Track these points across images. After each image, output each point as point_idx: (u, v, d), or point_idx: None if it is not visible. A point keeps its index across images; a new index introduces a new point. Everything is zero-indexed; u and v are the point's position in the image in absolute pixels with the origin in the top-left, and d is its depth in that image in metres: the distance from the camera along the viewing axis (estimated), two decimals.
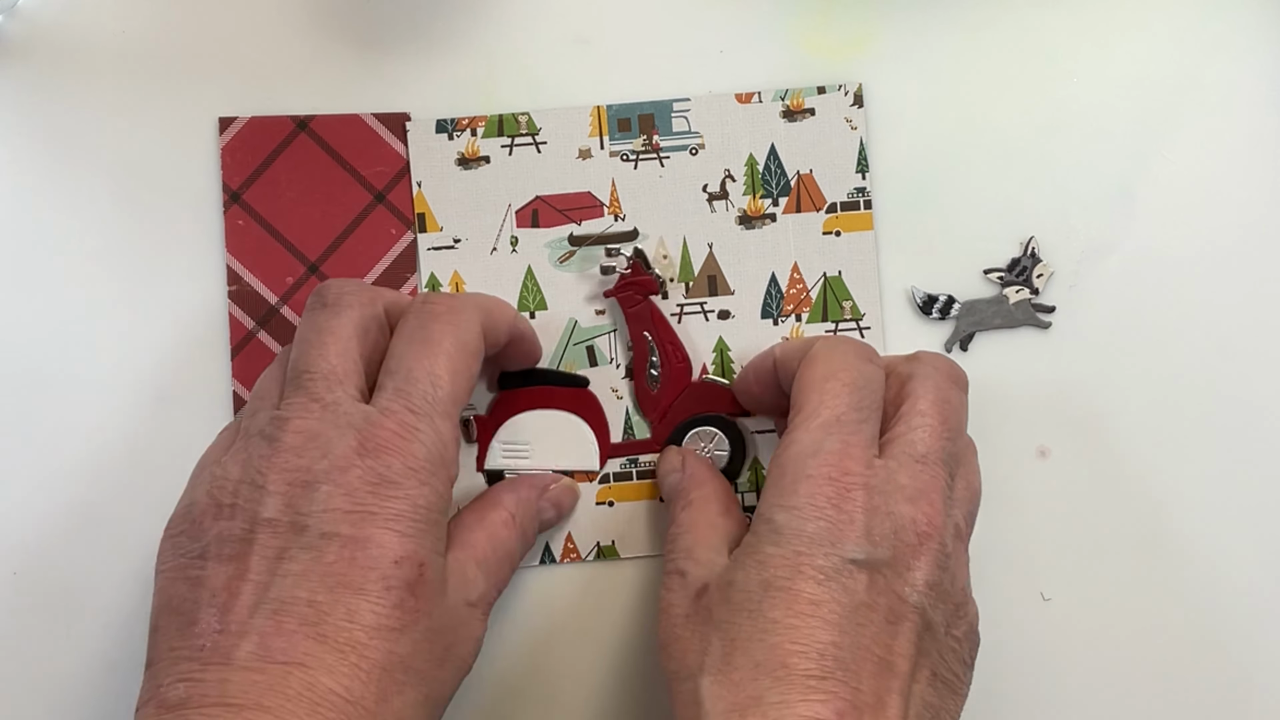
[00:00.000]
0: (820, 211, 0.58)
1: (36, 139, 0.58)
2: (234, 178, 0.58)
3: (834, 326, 0.58)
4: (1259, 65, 0.58)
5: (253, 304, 0.57)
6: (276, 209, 0.58)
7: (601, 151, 0.58)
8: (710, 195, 0.58)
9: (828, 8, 0.58)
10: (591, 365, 0.58)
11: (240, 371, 0.57)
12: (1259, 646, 0.57)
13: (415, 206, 0.58)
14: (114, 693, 0.56)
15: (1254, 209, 0.58)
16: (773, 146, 0.58)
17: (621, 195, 0.58)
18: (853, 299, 0.58)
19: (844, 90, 0.58)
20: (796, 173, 0.58)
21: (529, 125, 0.58)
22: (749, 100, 0.58)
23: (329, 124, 0.58)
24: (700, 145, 0.58)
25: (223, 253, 0.58)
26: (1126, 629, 0.57)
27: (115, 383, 0.57)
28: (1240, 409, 0.57)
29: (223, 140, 0.58)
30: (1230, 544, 0.57)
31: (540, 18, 0.58)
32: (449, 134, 0.58)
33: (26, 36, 0.58)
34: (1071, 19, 0.58)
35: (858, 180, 0.58)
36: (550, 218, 0.58)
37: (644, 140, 0.58)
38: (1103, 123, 0.58)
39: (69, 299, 0.57)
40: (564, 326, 0.58)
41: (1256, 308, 0.57)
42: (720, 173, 0.58)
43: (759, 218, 0.58)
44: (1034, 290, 0.57)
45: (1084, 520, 0.57)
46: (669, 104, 0.58)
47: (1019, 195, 0.58)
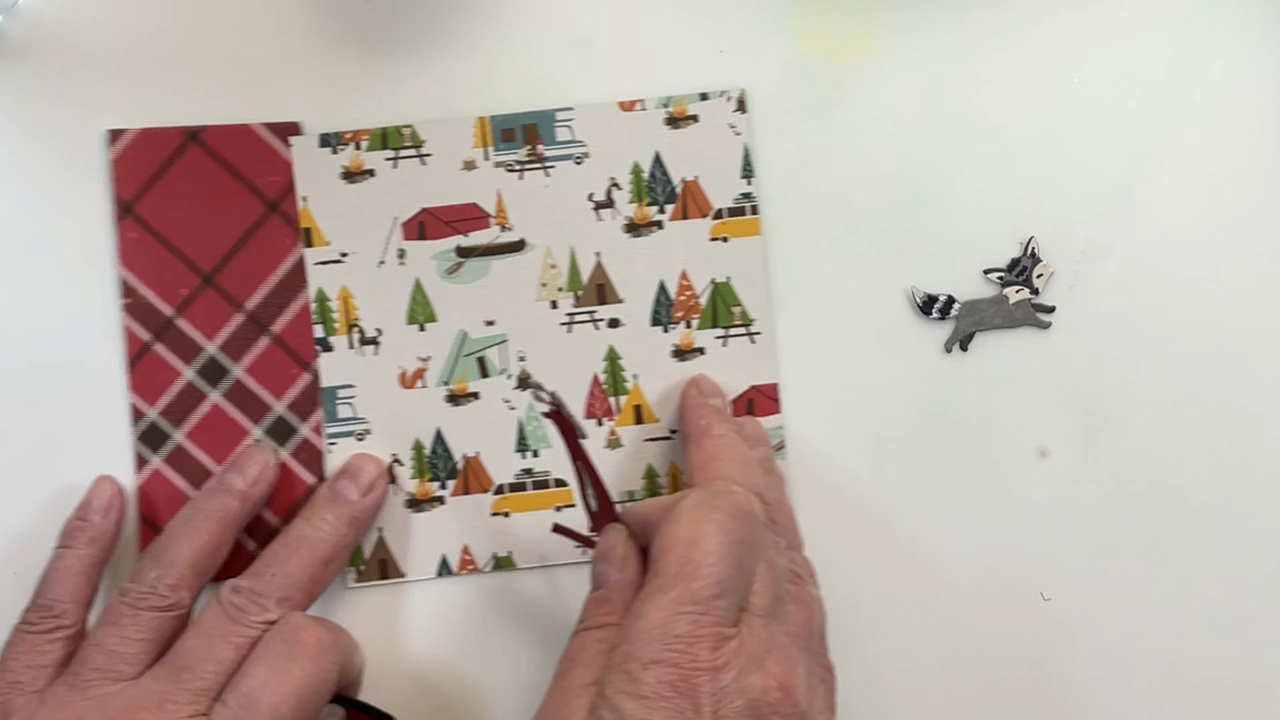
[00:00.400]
0: (707, 218, 0.58)
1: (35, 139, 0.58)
2: (125, 189, 0.57)
3: (724, 332, 0.58)
4: (1259, 65, 0.57)
5: (147, 316, 0.57)
6: (169, 221, 0.57)
7: (486, 162, 0.58)
8: (596, 204, 0.58)
9: (828, 8, 0.58)
10: (483, 376, 0.58)
11: (138, 385, 0.57)
12: (1260, 646, 0.57)
13: (301, 221, 0.58)
14: None
15: (1253, 209, 0.57)
16: (657, 154, 0.58)
17: (507, 206, 0.58)
18: (742, 305, 0.58)
19: (727, 97, 0.57)
20: (682, 180, 0.58)
21: (413, 138, 0.58)
22: (632, 108, 0.58)
23: (220, 134, 0.58)
24: (585, 154, 0.58)
25: (115, 266, 0.57)
26: (1127, 629, 0.57)
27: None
28: (1240, 409, 0.57)
29: (113, 152, 0.57)
30: (1231, 544, 0.57)
31: (540, 18, 0.58)
32: (333, 148, 0.58)
33: (26, 36, 0.57)
34: (1071, 19, 0.58)
35: (743, 185, 0.57)
36: (437, 230, 0.58)
37: (528, 150, 0.58)
38: (1103, 123, 0.58)
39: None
40: (454, 338, 0.58)
41: (1256, 307, 0.57)
42: (606, 181, 0.58)
43: (646, 225, 0.58)
44: (1034, 290, 0.57)
45: (1084, 520, 0.57)
46: (552, 113, 0.58)
47: (1019, 195, 0.58)
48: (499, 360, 0.58)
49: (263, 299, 0.57)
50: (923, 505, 0.57)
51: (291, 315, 0.58)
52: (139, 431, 0.57)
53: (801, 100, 0.58)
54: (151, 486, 0.57)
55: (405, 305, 0.58)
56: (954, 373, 0.57)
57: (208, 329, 0.58)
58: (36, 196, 0.57)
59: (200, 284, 0.57)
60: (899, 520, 0.57)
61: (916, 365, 0.58)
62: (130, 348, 0.57)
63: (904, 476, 0.57)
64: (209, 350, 0.58)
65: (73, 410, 0.57)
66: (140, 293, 0.57)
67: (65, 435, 0.57)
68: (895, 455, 0.57)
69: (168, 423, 0.57)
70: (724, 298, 0.58)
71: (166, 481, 0.57)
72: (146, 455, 0.57)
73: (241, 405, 0.58)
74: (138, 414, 0.57)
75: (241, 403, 0.58)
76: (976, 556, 0.52)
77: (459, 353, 0.58)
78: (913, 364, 0.58)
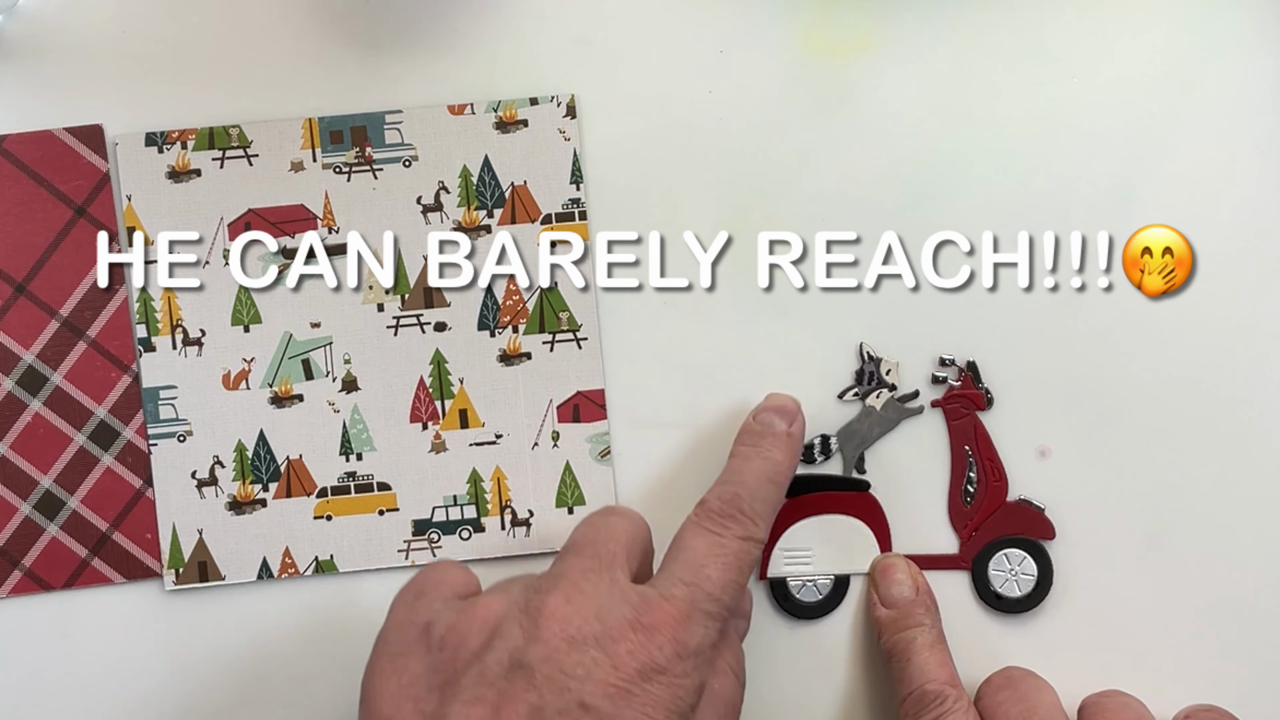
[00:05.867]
0: (536, 223, 0.58)
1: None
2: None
3: (551, 337, 0.58)
4: (1259, 65, 0.57)
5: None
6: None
7: (314, 164, 0.57)
8: (425, 207, 0.57)
9: (828, 8, 0.58)
10: (307, 379, 0.57)
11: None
12: (1260, 646, 0.57)
13: (125, 220, 0.57)
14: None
15: (1254, 209, 0.57)
16: (486, 158, 0.57)
17: (335, 208, 0.57)
18: (569, 310, 0.58)
19: (556, 101, 0.57)
20: (511, 184, 0.57)
21: (240, 138, 0.57)
22: (461, 112, 0.57)
23: (22, 141, 0.57)
24: (414, 157, 0.57)
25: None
26: (1127, 629, 0.57)
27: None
28: (1241, 409, 0.57)
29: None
30: (1232, 543, 0.57)
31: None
32: (159, 147, 0.57)
33: (26, 36, 0.57)
34: (1071, 19, 0.57)
35: (572, 191, 0.57)
36: (263, 231, 0.57)
37: (357, 152, 0.57)
38: (1103, 123, 0.57)
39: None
40: (279, 340, 0.57)
41: (1257, 307, 0.57)
42: (434, 184, 0.57)
43: (474, 229, 0.57)
44: (892, 387, 0.57)
45: (1084, 520, 0.57)
46: (381, 116, 0.57)
47: (1019, 195, 0.57)
48: (324, 363, 0.57)
49: (77, 304, 0.57)
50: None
51: (108, 318, 0.57)
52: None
53: (802, 100, 0.58)
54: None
55: (230, 306, 0.57)
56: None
57: (23, 338, 0.57)
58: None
59: (13, 293, 0.57)
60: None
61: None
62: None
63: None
64: (26, 359, 0.57)
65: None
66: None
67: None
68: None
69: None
70: (551, 303, 0.58)
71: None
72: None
73: (63, 412, 0.57)
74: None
75: (63, 410, 0.57)
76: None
77: (284, 354, 0.57)
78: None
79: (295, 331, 0.57)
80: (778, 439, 0.55)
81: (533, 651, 0.47)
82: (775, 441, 0.55)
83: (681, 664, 0.47)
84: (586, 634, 0.47)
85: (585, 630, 0.47)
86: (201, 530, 0.57)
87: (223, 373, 0.57)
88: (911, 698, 0.53)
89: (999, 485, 0.57)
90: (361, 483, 0.57)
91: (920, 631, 0.54)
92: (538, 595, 0.48)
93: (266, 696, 0.57)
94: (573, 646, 0.47)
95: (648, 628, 0.47)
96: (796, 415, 0.56)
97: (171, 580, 0.57)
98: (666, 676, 0.47)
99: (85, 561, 0.57)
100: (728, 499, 0.52)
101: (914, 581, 0.56)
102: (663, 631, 0.48)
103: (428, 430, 0.57)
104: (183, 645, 0.57)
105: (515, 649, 0.47)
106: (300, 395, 0.57)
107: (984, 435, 0.57)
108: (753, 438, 0.55)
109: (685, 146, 0.58)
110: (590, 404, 0.57)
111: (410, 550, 0.57)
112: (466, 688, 0.46)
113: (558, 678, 0.46)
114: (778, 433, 0.55)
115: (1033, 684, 0.54)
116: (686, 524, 0.52)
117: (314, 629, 0.57)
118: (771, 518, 0.54)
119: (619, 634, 0.47)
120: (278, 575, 0.57)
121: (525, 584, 0.49)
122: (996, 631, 0.57)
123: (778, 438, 0.55)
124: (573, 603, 0.48)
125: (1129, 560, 0.57)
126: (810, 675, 0.57)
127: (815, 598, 0.57)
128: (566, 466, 0.58)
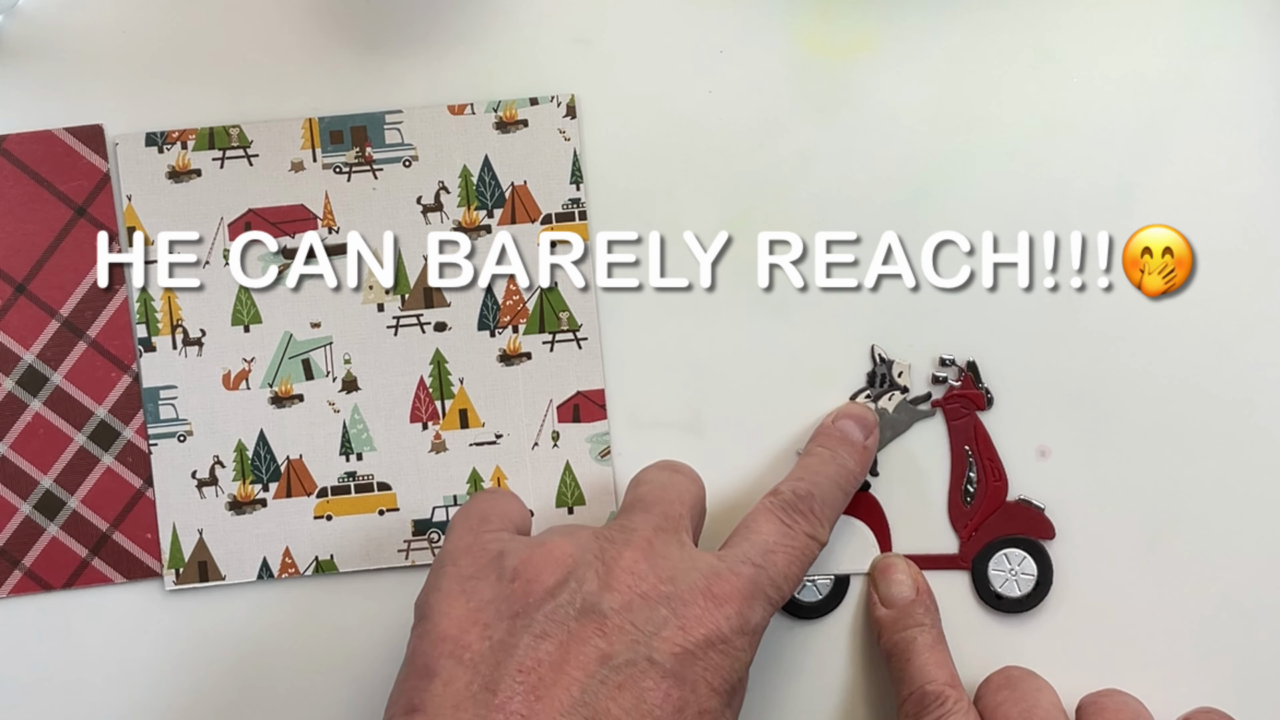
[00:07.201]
0: (535, 223, 0.58)
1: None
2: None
3: (551, 337, 0.58)
4: (1259, 65, 0.57)
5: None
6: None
7: (314, 164, 0.57)
8: (425, 207, 0.58)
9: (828, 8, 0.58)
10: (308, 379, 0.57)
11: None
12: (1260, 646, 0.57)
13: (125, 220, 0.57)
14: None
15: (1254, 209, 0.57)
16: (486, 158, 0.57)
17: (335, 208, 0.57)
18: (569, 310, 0.58)
19: (556, 101, 0.57)
20: (511, 184, 0.57)
21: (240, 138, 0.57)
22: (461, 112, 0.57)
23: (22, 141, 0.57)
24: (414, 157, 0.57)
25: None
26: (1127, 629, 0.57)
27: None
28: (1241, 409, 0.57)
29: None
30: (1232, 543, 0.57)
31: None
32: (159, 147, 0.57)
33: (26, 36, 0.57)
34: (1071, 19, 0.57)
35: (572, 191, 0.57)
36: (263, 231, 0.57)
37: (357, 152, 0.57)
38: (1103, 123, 0.57)
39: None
40: (279, 340, 0.57)
41: (1257, 307, 0.57)
42: (434, 185, 0.57)
43: (474, 229, 0.58)
44: (904, 389, 0.57)
45: (1084, 520, 0.57)
46: (381, 116, 0.57)
47: (1019, 195, 0.57)
48: (324, 363, 0.57)
49: (77, 304, 0.57)
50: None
51: (108, 318, 0.57)
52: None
53: (802, 100, 0.58)
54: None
55: (230, 306, 0.57)
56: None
57: (24, 338, 0.57)
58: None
59: (13, 292, 0.57)
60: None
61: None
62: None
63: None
64: (26, 359, 0.57)
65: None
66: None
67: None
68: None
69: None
70: (551, 303, 0.58)
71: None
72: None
73: (63, 412, 0.57)
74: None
75: (63, 410, 0.57)
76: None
77: (284, 354, 0.57)
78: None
79: (295, 331, 0.57)
80: (854, 448, 0.55)
81: (607, 600, 0.48)
82: (851, 450, 0.55)
83: (741, 639, 0.49)
84: (660, 593, 0.48)
85: (659, 589, 0.48)
86: (202, 530, 0.57)
87: (223, 373, 0.57)
88: (912, 698, 0.53)
89: (999, 485, 0.57)
90: (361, 483, 0.57)
91: (920, 631, 0.54)
92: (613, 546, 0.49)
93: (266, 696, 0.57)
94: (646, 602, 0.48)
95: (718, 598, 0.48)
96: (874, 429, 0.56)
97: (172, 580, 0.57)
98: (727, 647, 0.48)
99: (85, 561, 0.57)
100: (803, 495, 0.53)
101: (914, 581, 0.56)
102: (730, 604, 0.49)
103: (428, 430, 0.57)
104: (183, 645, 0.57)
105: (590, 594, 0.48)
106: (300, 395, 0.57)
107: (984, 435, 0.57)
108: (831, 441, 0.56)
109: (685, 146, 0.58)
110: (590, 404, 0.58)
111: (410, 550, 0.57)
112: (538, 622, 0.47)
113: (629, 629, 0.47)
114: (854, 442, 0.56)
115: (1032, 684, 0.54)
116: (760, 508, 0.53)
117: (314, 629, 0.57)
118: (834, 523, 0.54)
119: (690, 598, 0.48)
120: (278, 575, 0.57)
121: (595, 533, 0.50)
122: (996, 631, 0.57)
123: (854, 447, 0.55)
124: (649, 560, 0.49)
125: (1129, 560, 0.57)
126: (810, 675, 0.57)
127: (815, 598, 0.57)
128: (566, 466, 0.58)
